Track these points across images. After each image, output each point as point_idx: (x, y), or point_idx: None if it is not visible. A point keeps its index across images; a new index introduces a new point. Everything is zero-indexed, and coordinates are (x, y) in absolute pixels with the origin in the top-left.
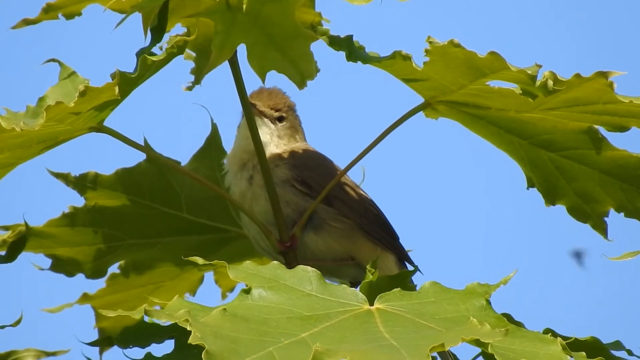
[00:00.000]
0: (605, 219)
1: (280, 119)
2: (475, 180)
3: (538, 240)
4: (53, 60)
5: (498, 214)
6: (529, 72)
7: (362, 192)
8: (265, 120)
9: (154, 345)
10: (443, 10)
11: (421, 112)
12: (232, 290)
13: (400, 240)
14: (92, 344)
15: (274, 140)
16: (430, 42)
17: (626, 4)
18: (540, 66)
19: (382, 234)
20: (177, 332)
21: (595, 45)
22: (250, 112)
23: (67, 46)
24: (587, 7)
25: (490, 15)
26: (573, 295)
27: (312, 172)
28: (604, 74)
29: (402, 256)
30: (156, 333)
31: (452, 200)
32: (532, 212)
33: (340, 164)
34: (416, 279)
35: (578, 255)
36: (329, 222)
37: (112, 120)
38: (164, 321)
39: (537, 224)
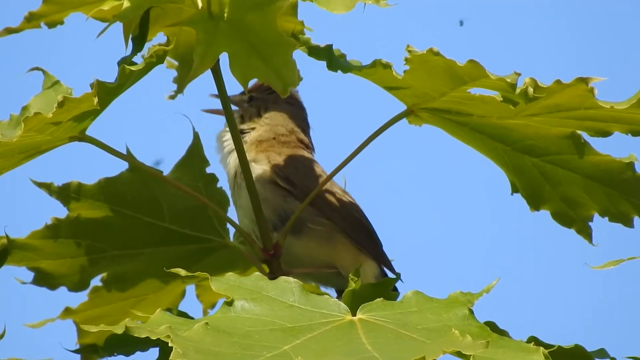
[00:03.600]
0: (590, 223)
1: (249, 100)
2: (459, 186)
3: (523, 247)
4: (37, 68)
5: (482, 221)
6: (508, 80)
7: (346, 196)
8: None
9: (138, 353)
10: (426, 16)
11: (404, 119)
12: (213, 306)
13: (384, 248)
14: (76, 351)
15: (240, 123)
16: (409, 51)
17: (615, 7)
18: (519, 74)
19: (364, 238)
20: (162, 341)
21: (584, 49)
22: (227, 105)
23: (51, 54)
24: (576, 11)
25: (474, 21)
26: (558, 302)
27: (294, 170)
28: (584, 80)
29: (384, 263)
30: (141, 341)
31: (436, 206)
32: (517, 218)
33: (325, 171)
34: (399, 287)
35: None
36: (309, 224)
37: (94, 129)
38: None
39: (521, 230)
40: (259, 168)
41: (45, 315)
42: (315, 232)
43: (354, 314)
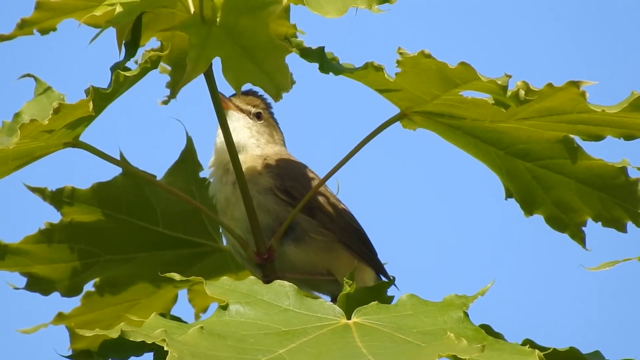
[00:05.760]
0: (583, 228)
1: (257, 116)
2: (453, 190)
3: (518, 249)
4: (28, 75)
5: (477, 225)
6: (499, 82)
7: (342, 205)
8: (243, 115)
9: (133, 358)
10: (419, 19)
11: (398, 122)
12: (205, 310)
13: (378, 256)
14: (70, 357)
15: (254, 135)
16: (400, 53)
17: (608, 11)
18: (510, 76)
19: (362, 247)
20: (156, 345)
21: (577, 53)
22: (221, 108)
23: (42, 60)
24: (568, 14)
25: (468, 23)
26: (553, 304)
27: (295, 182)
28: (575, 84)
29: (381, 271)
30: (135, 346)
31: (430, 210)
32: (511, 220)
33: (318, 175)
34: (393, 292)
35: None
36: (311, 234)
37: (88, 134)
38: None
39: (516, 232)
40: (263, 182)
41: (38, 320)
42: (316, 241)
43: (349, 318)
